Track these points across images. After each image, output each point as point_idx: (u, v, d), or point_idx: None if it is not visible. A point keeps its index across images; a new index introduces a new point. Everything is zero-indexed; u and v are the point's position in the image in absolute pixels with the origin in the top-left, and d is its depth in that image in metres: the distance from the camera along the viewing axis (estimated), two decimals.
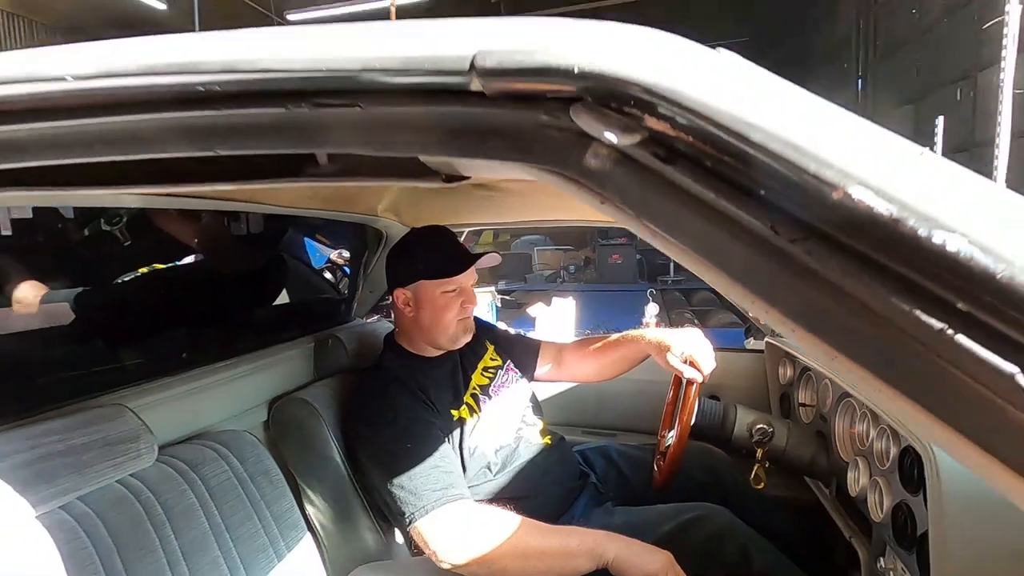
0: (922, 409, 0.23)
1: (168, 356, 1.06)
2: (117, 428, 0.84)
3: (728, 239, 0.26)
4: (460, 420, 1.21)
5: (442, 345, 1.25)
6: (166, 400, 0.96)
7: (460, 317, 1.22)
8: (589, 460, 1.44)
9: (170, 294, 1.20)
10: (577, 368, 1.50)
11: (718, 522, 1.13)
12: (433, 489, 1.02)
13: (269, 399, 1.24)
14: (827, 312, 0.25)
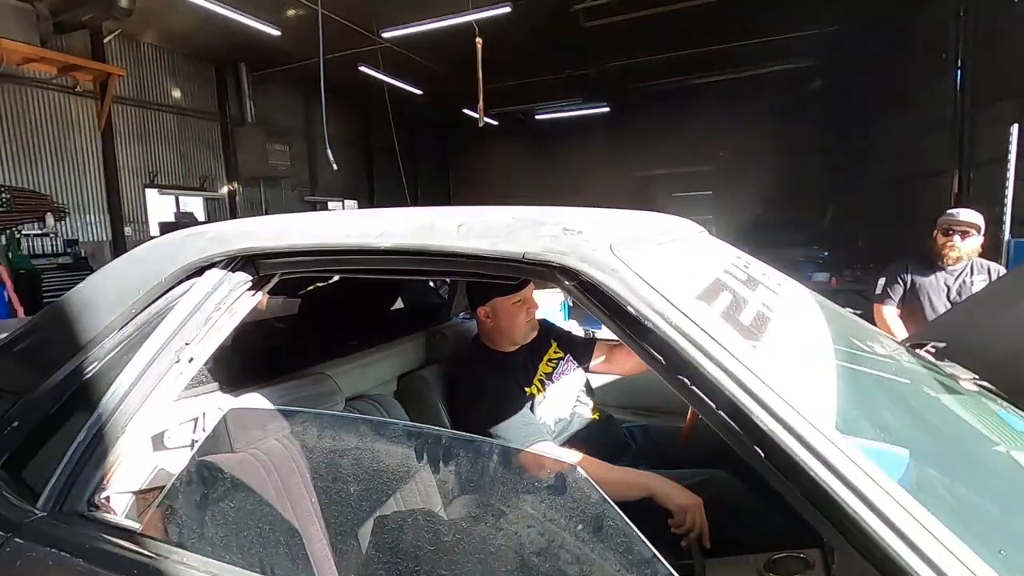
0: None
1: (344, 344, 1.62)
2: (322, 388, 1.39)
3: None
4: (531, 396, 1.68)
5: (516, 341, 1.71)
6: (346, 372, 1.51)
7: (527, 319, 1.68)
8: (633, 434, 1.86)
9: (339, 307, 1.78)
10: (624, 364, 1.92)
11: (718, 486, 1.48)
12: (521, 436, 1.49)
13: (398, 374, 1.78)
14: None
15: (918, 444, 0.76)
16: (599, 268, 0.66)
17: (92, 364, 0.93)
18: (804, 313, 0.95)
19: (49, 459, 0.92)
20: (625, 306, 0.63)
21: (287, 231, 0.94)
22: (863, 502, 0.49)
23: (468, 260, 0.74)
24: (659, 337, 0.61)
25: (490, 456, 0.71)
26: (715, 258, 0.92)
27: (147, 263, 0.96)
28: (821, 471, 0.51)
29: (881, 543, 0.49)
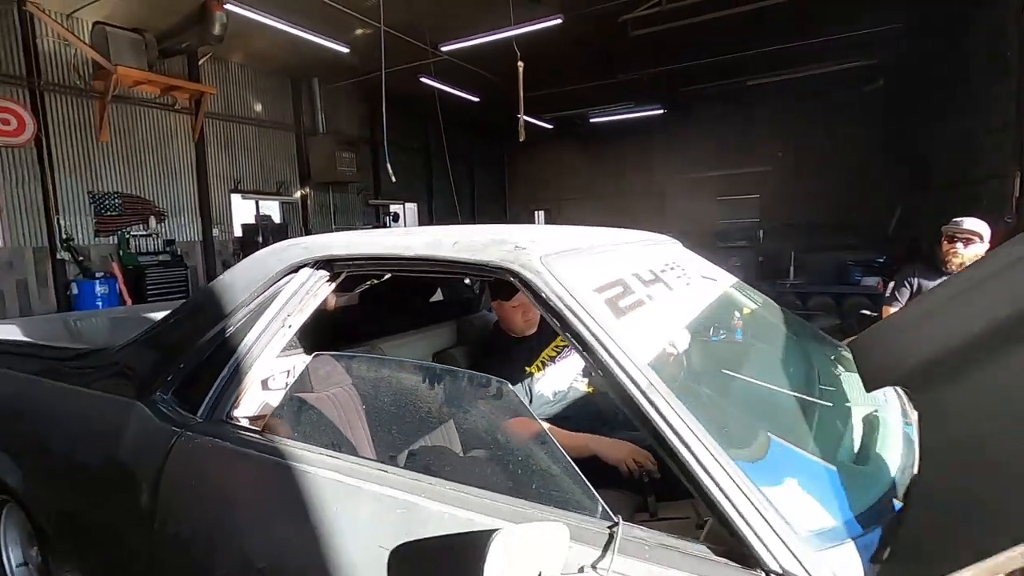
0: None
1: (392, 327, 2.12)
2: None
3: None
4: (531, 373, 2.11)
5: (516, 332, 2.16)
6: (392, 347, 2.00)
7: (524, 319, 2.11)
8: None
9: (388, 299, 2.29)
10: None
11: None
12: None
13: (434, 352, 2.26)
14: None
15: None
16: (531, 271, 1.09)
17: (230, 328, 1.46)
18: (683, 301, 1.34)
19: (204, 388, 1.45)
20: (543, 295, 1.06)
21: (352, 244, 1.43)
22: (650, 404, 0.90)
23: (458, 264, 1.19)
24: (560, 314, 1.03)
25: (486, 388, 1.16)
26: (632, 263, 1.32)
27: (264, 262, 1.48)
28: (632, 389, 0.92)
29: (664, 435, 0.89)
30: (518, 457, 1.07)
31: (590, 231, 1.63)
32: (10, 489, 1.77)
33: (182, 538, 1.33)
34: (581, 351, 1.00)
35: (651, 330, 1.09)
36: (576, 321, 1.01)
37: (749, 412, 1.20)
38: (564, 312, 1.02)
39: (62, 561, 1.75)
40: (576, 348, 1.01)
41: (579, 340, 1.01)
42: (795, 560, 0.76)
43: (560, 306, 1.03)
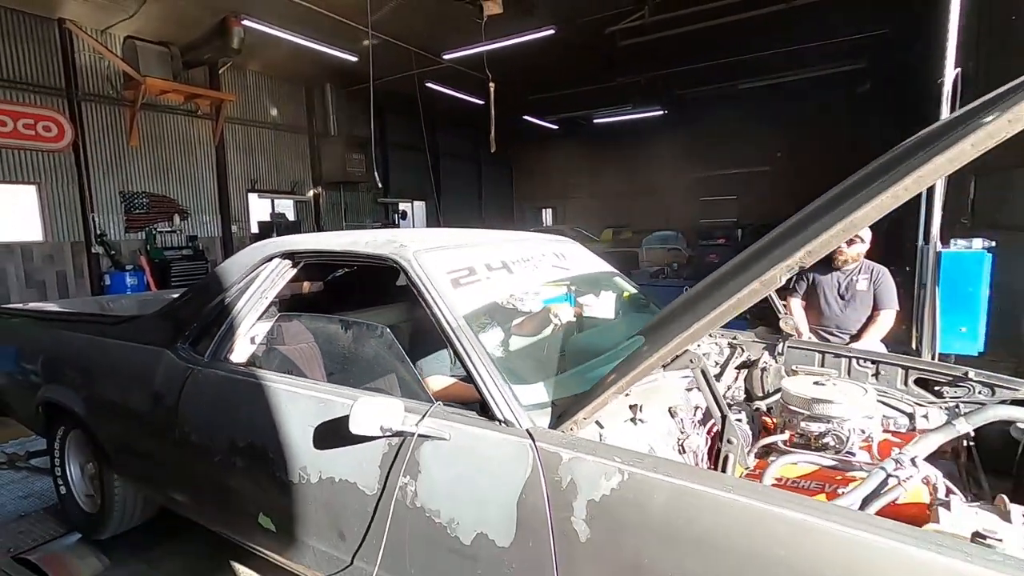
0: None
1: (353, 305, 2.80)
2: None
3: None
4: None
5: None
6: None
7: None
8: None
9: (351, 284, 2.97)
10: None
11: None
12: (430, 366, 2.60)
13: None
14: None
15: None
16: (405, 260, 1.75)
17: (227, 299, 2.15)
18: (517, 281, 1.98)
19: (208, 340, 2.15)
20: (410, 275, 1.72)
21: (305, 242, 2.11)
22: (456, 338, 1.56)
23: (364, 256, 1.87)
24: (418, 288, 1.69)
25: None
26: (487, 256, 1.96)
27: (249, 254, 2.17)
28: (448, 330, 1.58)
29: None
30: (389, 370, 1.75)
31: (479, 234, 2.29)
32: (77, 416, 2.49)
33: (194, 437, 2.03)
34: (427, 309, 1.66)
35: (477, 296, 1.74)
36: (426, 291, 1.67)
37: (531, 354, 1.86)
38: (420, 286, 1.68)
39: (112, 468, 2.47)
40: (426, 308, 1.67)
41: (426, 303, 1.66)
42: (513, 414, 1.41)
43: (419, 282, 1.69)
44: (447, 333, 1.58)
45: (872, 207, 0.98)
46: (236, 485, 1.92)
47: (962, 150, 0.91)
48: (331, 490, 1.63)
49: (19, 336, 3.02)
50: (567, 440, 1.32)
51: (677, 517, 1.13)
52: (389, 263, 1.79)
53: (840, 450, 1.65)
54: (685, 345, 1.22)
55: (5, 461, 3.75)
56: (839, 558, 0.99)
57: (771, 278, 1.11)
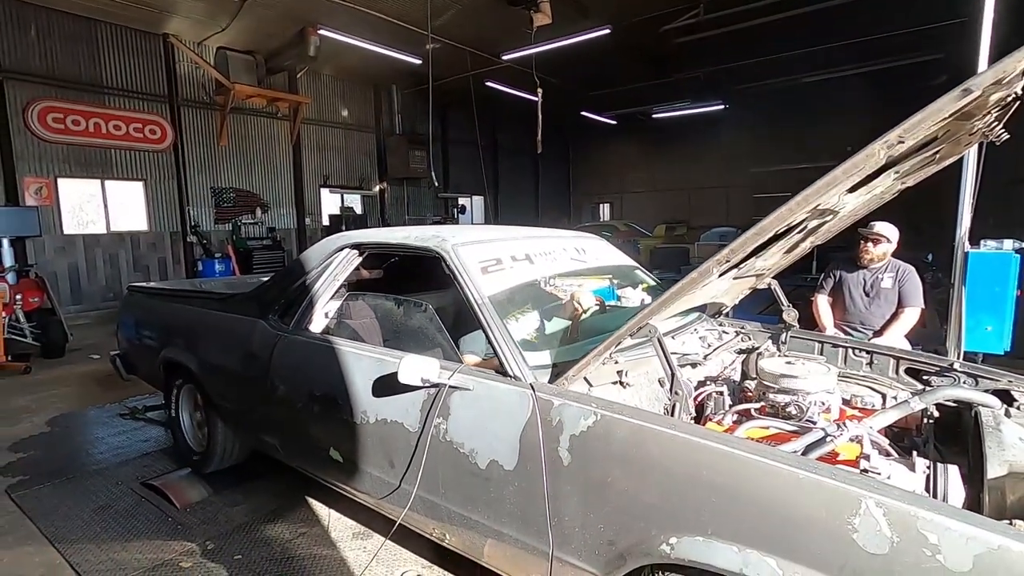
0: None
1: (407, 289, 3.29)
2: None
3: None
4: None
5: None
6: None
7: None
8: None
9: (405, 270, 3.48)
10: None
11: None
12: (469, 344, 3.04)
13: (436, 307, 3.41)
14: None
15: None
16: (444, 252, 2.19)
17: (307, 281, 2.68)
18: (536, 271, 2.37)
19: (292, 314, 2.69)
20: (448, 265, 2.16)
21: (368, 235, 2.61)
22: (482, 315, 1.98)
23: (412, 248, 2.33)
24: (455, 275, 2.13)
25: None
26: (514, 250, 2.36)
27: (324, 246, 2.69)
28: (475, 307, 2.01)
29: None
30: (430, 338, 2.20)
31: (511, 230, 2.71)
32: (190, 373, 3.13)
33: (281, 389, 2.57)
34: (460, 290, 2.09)
35: (501, 281, 2.16)
36: (460, 276, 2.11)
37: (546, 331, 2.26)
38: (455, 272, 2.12)
39: (216, 415, 3.08)
40: (459, 289, 2.10)
41: (460, 286, 2.10)
42: (520, 372, 1.83)
43: (455, 270, 2.13)
44: (474, 309, 2.01)
45: (772, 218, 1.32)
46: (313, 427, 2.44)
47: (833, 176, 1.24)
48: (384, 429, 2.10)
49: (148, 309, 3.73)
50: (558, 391, 1.72)
51: (633, 448, 1.50)
52: (432, 254, 2.24)
53: (801, 418, 1.95)
54: (646, 319, 1.59)
55: (128, 412, 4.55)
56: (760, 481, 1.34)
57: (705, 269, 1.46)
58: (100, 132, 9.47)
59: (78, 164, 9.34)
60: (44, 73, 8.86)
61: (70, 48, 9.12)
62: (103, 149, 9.60)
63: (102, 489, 3.25)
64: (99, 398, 5.04)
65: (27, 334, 6.76)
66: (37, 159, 8.89)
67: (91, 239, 9.70)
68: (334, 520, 2.86)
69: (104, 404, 4.85)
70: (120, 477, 3.40)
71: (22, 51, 8.63)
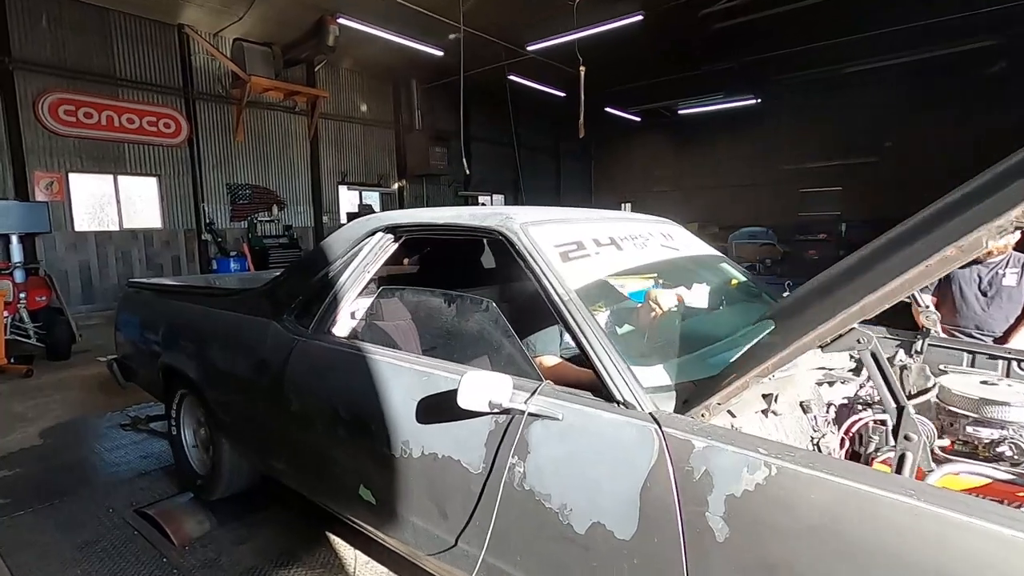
0: None
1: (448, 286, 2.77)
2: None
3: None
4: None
5: None
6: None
7: None
8: None
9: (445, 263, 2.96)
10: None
11: None
12: (541, 345, 2.51)
13: None
14: None
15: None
16: (511, 232, 1.67)
17: (331, 272, 2.18)
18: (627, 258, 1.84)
19: (313, 312, 2.18)
20: (517, 248, 1.64)
21: (407, 216, 2.09)
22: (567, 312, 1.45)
23: (468, 228, 1.81)
24: (526, 261, 1.61)
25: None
26: (595, 232, 1.84)
27: (353, 229, 2.18)
28: (559, 302, 1.48)
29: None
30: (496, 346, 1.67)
31: (582, 211, 2.17)
32: (191, 380, 2.64)
33: (298, 405, 2.07)
34: (537, 282, 1.57)
35: (588, 271, 1.63)
36: (535, 263, 1.58)
37: (642, 337, 1.72)
38: (527, 257, 1.60)
39: (221, 431, 2.59)
40: (535, 281, 1.58)
41: (534, 274, 1.58)
42: (633, 396, 1.29)
43: (527, 255, 1.61)
44: (558, 308, 1.48)
45: None
46: (337, 456, 1.93)
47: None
48: (434, 466, 1.58)
49: (147, 308, 3.26)
50: (699, 427, 1.18)
51: (844, 524, 0.96)
52: (495, 236, 1.72)
53: (1020, 462, 1.40)
54: (851, 322, 1.04)
55: (129, 423, 4.10)
56: None
57: (974, 242, 0.91)
58: (113, 125, 9.14)
59: (90, 158, 9.02)
60: (55, 64, 8.54)
61: (82, 38, 8.80)
62: (116, 143, 9.27)
63: (91, 518, 2.78)
64: (101, 405, 4.60)
65: (31, 335, 6.39)
66: (48, 153, 8.57)
67: (103, 236, 9.37)
68: (361, 565, 2.35)
69: (105, 413, 4.41)
70: (113, 502, 2.93)
71: (33, 41, 8.33)
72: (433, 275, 3.01)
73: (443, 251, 3.23)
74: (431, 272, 2.99)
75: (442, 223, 1.90)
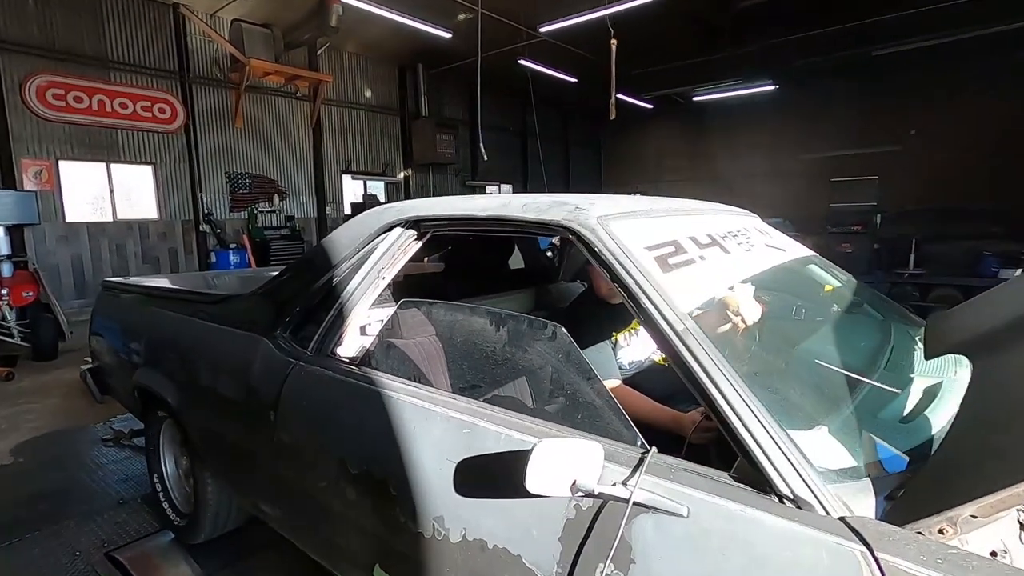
0: None
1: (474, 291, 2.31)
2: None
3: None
4: (616, 340, 2.19)
5: (606, 297, 2.23)
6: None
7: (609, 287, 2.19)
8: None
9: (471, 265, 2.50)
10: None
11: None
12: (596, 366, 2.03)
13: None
14: None
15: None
16: (587, 229, 1.20)
17: (336, 277, 1.71)
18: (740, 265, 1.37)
19: (313, 328, 1.72)
20: (596, 249, 1.17)
21: (435, 206, 1.62)
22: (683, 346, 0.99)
23: (524, 223, 1.34)
24: (610, 266, 1.14)
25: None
26: (690, 228, 1.37)
27: (364, 222, 1.72)
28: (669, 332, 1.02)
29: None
30: (568, 390, 1.20)
31: (656, 200, 1.70)
32: (168, 406, 2.19)
33: (294, 447, 1.62)
34: (627, 299, 1.11)
35: (696, 284, 1.16)
36: (624, 272, 1.11)
37: (795, 373, 1.24)
38: (614, 264, 1.13)
39: (204, 465, 2.15)
40: (623, 296, 1.12)
41: (626, 290, 1.11)
42: (807, 488, 0.83)
43: (611, 259, 1.14)
44: (669, 339, 1.02)
45: None
46: (347, 519, 1.48)
47: None
48: (481, 558, 1.13)
49: (123, 313, 2.81)
50: (948, 556, 0.71)
51: None
52: (561, 233, 1.25)
53: None
54: None
55: (111, 438, 3.67)
56: None
57: None
58: (105, 110, 8.64)
59: (81, 145, 8.53)
60: (43, 45, 8.04)
61: (72, 18, 8.28)
62: (108, 129, 8.78)
63: (53, 563, 2.35)
64: (83, 415, 4.18)
65: (15, 334, 5.97)
66: (36, 139, 8.10)
67: (96, 228, 8.91)
68: None
69: (86, 425, 3.98)
70: (82, 542, 2.50)
71: (19, 20, 7.82)
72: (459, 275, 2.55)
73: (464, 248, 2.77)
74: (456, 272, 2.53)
75: (485, 216, 1.42)
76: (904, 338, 1.58)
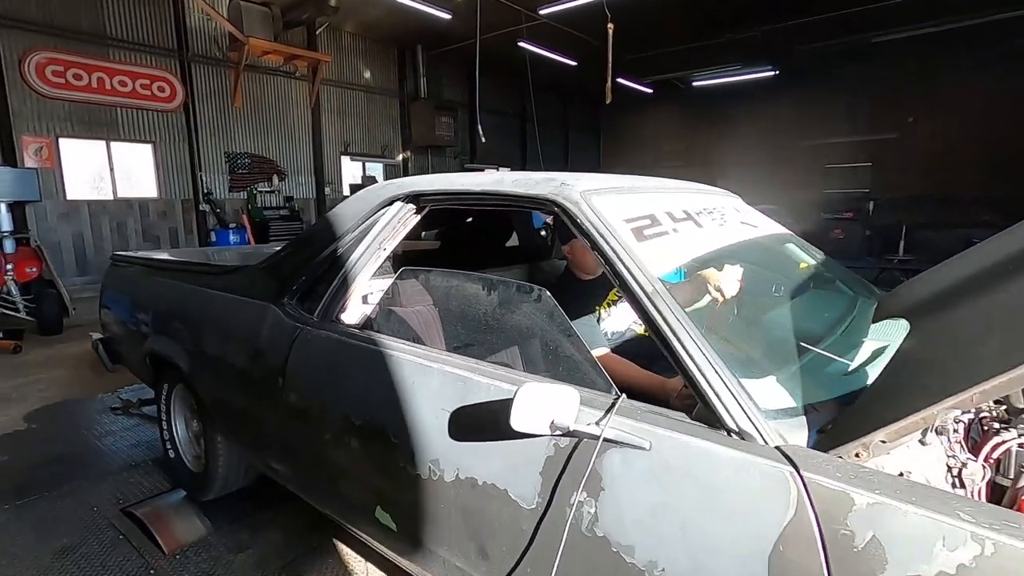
0: None
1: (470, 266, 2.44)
2: None
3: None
4: (598, 312, 2.33)
5: (589, 272, 2.37)
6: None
7: (593, 260, 2.32)
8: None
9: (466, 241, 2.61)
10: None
11: None
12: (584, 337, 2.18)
13: None
14: None
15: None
16: (570, 202, 1.32)
17: (339, 249, 1.84)
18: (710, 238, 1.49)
19: (319, 296, 1.85)
20: (578, 220, 1.30)
21: (434, 182, 1.74)
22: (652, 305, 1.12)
23: (514, 197, 1.46)
24: (591, 236, 1.27)
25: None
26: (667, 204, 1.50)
27: (365, 198, 1.84)
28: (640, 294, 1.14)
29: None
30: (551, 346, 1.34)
31: (640, 178, 1.82)
32: (180, 371, 2.33)
33: (301, 405, 1.75)
34: (604, 264, 1.23)
35: (668, 253, 1.29)
36: (602, 241, 1.24)
37: (756, 335, 1.37)
38: (594, 234, 1.25)
39: (215, 428, 2.29)
40: (601, 263, 1.24)
41: (604, 257, 1.24)
42: (750, 423, 0.97)
43: (591, 230, 1.27)
44: (639, 300, 1.15)
45: None
46: (350, 468, 1.62)
47: None
48: (471, 494, 1.27)
49: (132, 285, 2.93)
50: (858, 473, 0.85)
51: None
52: (547, 206, 1.38)
53: None
54: None
55: (120, 407, 3.81)
56: None
57: None
58: (104, 88, 8.66)
59: (81, 123, 8.57)
60: (42, 21, 8.04)
61: None
62: (108, 107, 8.81)
63: (72, 517, 2.50)
64: (91, 385, 4.32)
65: (20, 308, 6.09)
66: (36, 116, 8.13)
67: (97, 205, 8.98)
68: None
69: (96, 394, 4.13)
70: (97, 499, 2.65)
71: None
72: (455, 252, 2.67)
73: (462, 224, 2.89)
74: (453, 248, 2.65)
75: (479, 191, 1.55)
76: (866, 309, 1.72)
